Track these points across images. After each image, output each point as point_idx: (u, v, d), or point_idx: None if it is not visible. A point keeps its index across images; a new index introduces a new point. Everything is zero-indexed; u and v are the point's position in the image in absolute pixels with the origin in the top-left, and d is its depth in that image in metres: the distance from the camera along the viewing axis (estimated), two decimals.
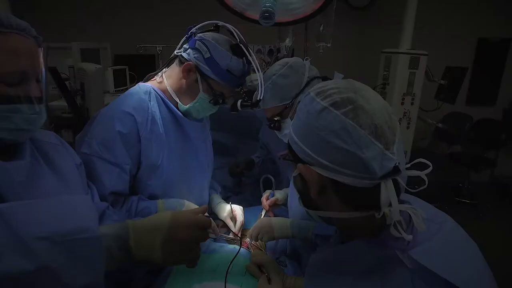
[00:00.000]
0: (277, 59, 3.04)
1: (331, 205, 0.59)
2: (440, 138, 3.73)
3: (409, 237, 0.52)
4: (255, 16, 1.44)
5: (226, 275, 0.87)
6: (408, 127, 3.01)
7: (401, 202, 0.56)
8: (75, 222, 0.53)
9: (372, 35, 3.69)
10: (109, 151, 0.96)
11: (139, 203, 1.03)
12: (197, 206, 1.14)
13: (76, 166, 0.85)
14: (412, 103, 2.94)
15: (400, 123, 3.06)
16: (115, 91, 2.87)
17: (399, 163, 0.52)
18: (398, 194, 0.56)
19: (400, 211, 0.53)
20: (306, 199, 0.64)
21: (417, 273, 0.50)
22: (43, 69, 0.69)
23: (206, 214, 0.87)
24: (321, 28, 2.08)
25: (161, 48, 2.17)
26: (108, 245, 0.56)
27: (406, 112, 2.95)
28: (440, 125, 3.35)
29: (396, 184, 0.55)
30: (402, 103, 2.92)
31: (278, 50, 3.03)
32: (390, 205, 0.53)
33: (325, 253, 0.64)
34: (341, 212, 0.58)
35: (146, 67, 3.34)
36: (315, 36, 2.15)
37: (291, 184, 1.19)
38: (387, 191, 0.52)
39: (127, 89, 3.22)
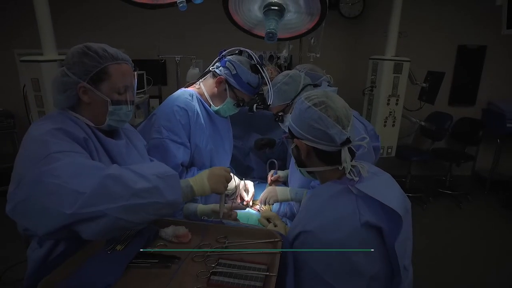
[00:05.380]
0: (277, 64, 3.45)
1: (313, 163, 1.00)
2: (424, 135, 4.10)
3: (356, 178, 0.92)
4: (260, 33, 1.80)
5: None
6: (393, 125, 3.35)
7: (355, 161, 0.97)
8: (166, 170, 0.93)
9: (362, 43, 4.05)
10: (176, 135, 1.39)
11: (198, 171, 1.47)
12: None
13: (144, 146, 1.26)
14: (396, 104, 3.28)
15: (386, 121, 3.44)
16: (136, 93, 3.24)
17: (350, 136, 0.92)
18: (352, 156, 0.96)
19: (352, 166, 0.94)
20: (299, 161, 1.04)
21: (359, 196, 0.90)
22: (135, 83, 1.09)
23: None
24: (312, 41, 2.45)
25: (179, 58, 2.55)
26: (182, 185, 0.96)
27: (391, 112, 3.29)
28: (423, 123, 3.71)
29: (351, 150, 0.95)
30: (388, 104, 3.26)
31: (278, 57, 3.44)
32: (347, 162, 0.93)
33: (311, 193, 1.04)
34: (319, 167, 0.99)
35: (157, 71, 3.68)
36: (308, 48, 2.52)
37: (291, 163, 1.59)
38: (345, 153, 0.93)
39: (145, 91, 3.57)
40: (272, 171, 1.74)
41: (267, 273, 0.78)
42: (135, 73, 1.09)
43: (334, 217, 0.89)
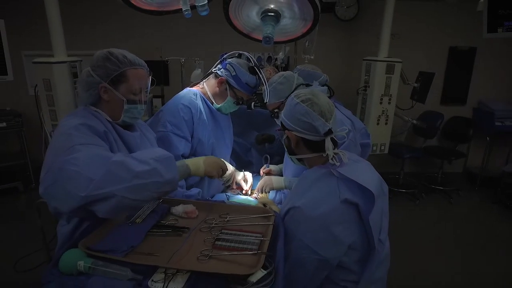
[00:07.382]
0: (274, 64, 3.62)
1: (302, 151, 1.17)
2: (416, 133, 4.24)
3: (338, 164, 1.09)
4: (258, 37, 1.93)
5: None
6: (386, 123, 3.46)
7: (337, 150, 1.13)
8: (163, 153, 1.01)
9: (357, 44, 4.20)
10: (179, 129, 1.56)
11: None
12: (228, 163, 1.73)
13: (154, 138, 1.42)
14: (389, 103, 3.39)
15: (379, 120, 3.58)
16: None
17: (331, 128, 1.08)
18: (335, 144, 1.13)
19: (335, 153, 1.10)
20: (290, 150, 1.21)
21: (340, 178, 1.06)
22: (148, 85, 1.25)
23: None
24: (306, 44, 2.60)
25: (183, 60, 2.70)
26: (178, 165, 1.07)
27: (384, 111, 3.41)
28: (414, 121, 3.85)
29: (333, 140, 1.12)
30: (381, 103, 3.36)
31: (275, 58, 3.61)
32: (329, 149, 1.09)
33: (300, 176, 1.20)
34: (306, 154, 1.15)
35: (160, 72, 3.79)
36: (303, 50, 2.68)
37: (285, 155, 1.75)
38: (328, 142, 1.09)
39: (148, 91, 3.70)
40: (264, 165, 1.91)
41: (262, 238, 0.94)
42: (150, 77, 1.26)
43: (318, 195, 1.06)
